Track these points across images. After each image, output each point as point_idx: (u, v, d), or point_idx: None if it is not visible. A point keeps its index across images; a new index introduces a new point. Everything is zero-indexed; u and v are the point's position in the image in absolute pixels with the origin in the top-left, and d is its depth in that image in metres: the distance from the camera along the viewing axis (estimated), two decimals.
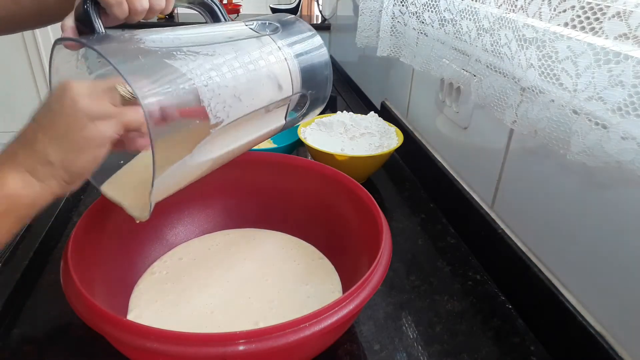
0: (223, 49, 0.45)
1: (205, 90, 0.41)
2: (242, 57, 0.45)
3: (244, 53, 0.46)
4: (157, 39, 0.42)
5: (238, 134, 0.48)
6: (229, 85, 0.43)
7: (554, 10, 0.43)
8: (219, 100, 0.42)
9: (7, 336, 0.49)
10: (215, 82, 0.41)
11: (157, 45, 0.41)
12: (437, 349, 0.49)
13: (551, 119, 0.45)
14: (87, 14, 0.40)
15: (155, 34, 0.42)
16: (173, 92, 0.38)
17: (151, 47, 0.40)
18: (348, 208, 0.57)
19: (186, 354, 0.34)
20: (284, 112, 0.53)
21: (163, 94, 0.38)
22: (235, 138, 0.48)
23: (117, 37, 0.40)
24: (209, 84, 0.41)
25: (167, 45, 0.41)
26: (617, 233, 0.43)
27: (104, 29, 0.41)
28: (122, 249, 0.54)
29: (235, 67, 0.44)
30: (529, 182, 0.55)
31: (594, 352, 0.44)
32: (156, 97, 0.37)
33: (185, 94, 0.39)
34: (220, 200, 0.65)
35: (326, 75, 0.54)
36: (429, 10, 0.71)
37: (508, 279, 0.58)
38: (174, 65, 0.39)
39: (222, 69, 0.43)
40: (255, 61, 0.46)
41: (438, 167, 0.77)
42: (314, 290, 0.54)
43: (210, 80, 0.41)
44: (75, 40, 0.40)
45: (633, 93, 0.35)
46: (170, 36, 0.43)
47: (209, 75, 0.41)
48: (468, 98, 0.67)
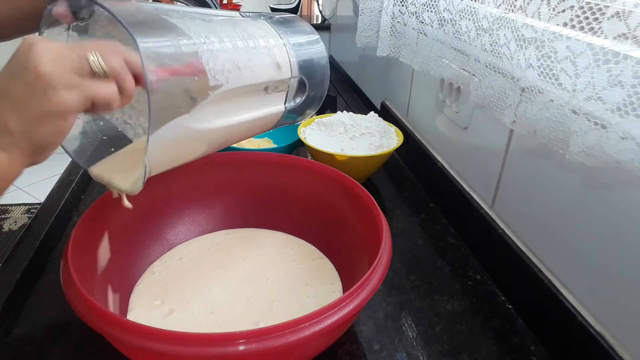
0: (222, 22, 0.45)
1: (204, 48, 0.40)
2: (241, 30, 0.45)
3: (243, 29, 0.46)
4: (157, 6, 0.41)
5: (238, 108, 0.47)
6: (228, 51, 0.43)
7: (553, 10, 0.44)
8: (218, 63, 0.41)
9: (7, 336, 0.49)
10: (213, 45, 0.41)
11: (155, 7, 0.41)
12: (437, 349, 0.50)
13: (550, 119, 0.45)
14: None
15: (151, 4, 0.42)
16: (171, 44, 0.38)
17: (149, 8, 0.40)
18: (348, 208, 0.57)
19: (186, 354, 0.34)
20: (283, 97, 0.53)
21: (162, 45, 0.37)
22: (235, 111, 0.47)
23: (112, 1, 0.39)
24: (207, 44, 0.40)
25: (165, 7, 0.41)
26: (617, 233, 0.43)
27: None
28: (122, 249, 0.54)
29: (234, 38, 0.44)
30: (529, 182, 0.55)
31: (594, 352, 0.44)
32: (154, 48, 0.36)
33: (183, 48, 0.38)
34: (220, 200, 0.65)
35: (324, 73, 0.55)
36: (429, 10, 0.71)
37: (508, 279, 0.58)
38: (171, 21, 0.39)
39: (220, 35, 0.43)
40: (255, 38, 0.46)
41: (438, 167, 0.77)
42: (314, 290, 0.54)
43: (207, 40, 0.40)
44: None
45: (632, 93, 0.35)
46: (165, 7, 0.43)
47: (207, 36, 0.41)
48: (468, 98, 0.67)
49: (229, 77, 0.43)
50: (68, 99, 0.33)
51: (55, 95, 0.32)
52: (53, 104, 0.32)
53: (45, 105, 0.32)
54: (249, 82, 0.46)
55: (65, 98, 0.32)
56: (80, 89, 0.33)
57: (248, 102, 0.48)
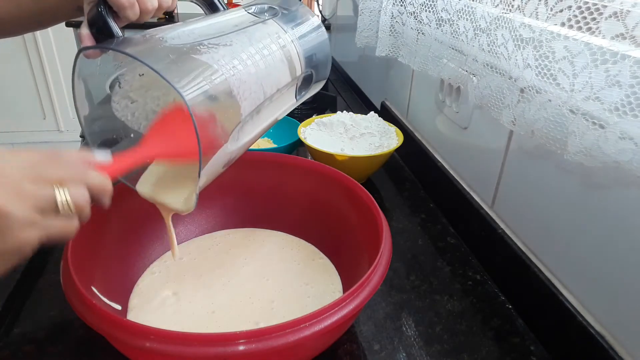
0: (238, 38, 0.46)
1: (233, 80, 0.42)
2: (257, 44, 0.47)
3: (257, 40, 0.47)
4: (176, 36, 0.43)
5: (261, 116, 0.49)
6: (252, 72, 0.44)
7: (550, 10, 0.44)
8: (246, 88, 0.43)
9: (7, 336, 0.49)
10: (240, 70, 0.43)
11: (178, 42, 0.42)
12: (437, 349, 0.50)
13: (548, 119, 0.45)
14: (103, 18, 0.40)
15: (171, 31, 0.43)
16: (207, 84, 0.40)
17: (175, 44, 0.41)
18: (348, 208, 0.57)
19: (186, 354, 0.34)
20: (294, 91, 0.55)
21: (199, 87, 0.39)
22: (259, 121, 0.50)
23: (138, 40, 0.41)
24: (236, 73, 0.42)
25: (188, 41, 0.42)
26: (617, 233, 0.43)
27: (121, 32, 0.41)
28: (122, 249, 0.54)
29: (253, 54, 0.45)
30: (529, 182, 0.55)
31: (594, 352, 0.44)
32: (193, 91, 0.38)
33: (217, 85, 0.41)
34: (220, 200, 0.65)
35: (327, 53, 0.57)
36: (427, 10, 0.71)
37: (508, 279, 0.58)
38: (201, 59, 0.40)
39: (243, 58, 0.44)
40: (269, 46, 0.48)
41: (438, 167, 0.78)
42: (314, 290, 0.54)
43: (235, 70, 0.42)
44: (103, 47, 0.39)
45: (630, 93, 0.35)
46: (185, 31, 0.44)
47: (233, 65, 0.42)
48: (468, 98, 0.67)
49: (255, 97, 0.45)
50: (26, 237, 0.31)
51: (13, 235, 0.31)
52: (10, 244, 0.31)
53: (6, 245, 0.31)
54: (270, 93, 0.48)
55: (23, 237, 0.31)
56: (41, 227, 0.32)
57: (269, 107, 0.50)
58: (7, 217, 0.30)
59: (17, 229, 0.30)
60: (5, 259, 0.32)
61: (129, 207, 0.52)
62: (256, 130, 0.50)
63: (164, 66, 0.38)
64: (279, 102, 0.52)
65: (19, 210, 0.30)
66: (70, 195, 0.33)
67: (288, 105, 0.55)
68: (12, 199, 0.30)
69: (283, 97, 0.52)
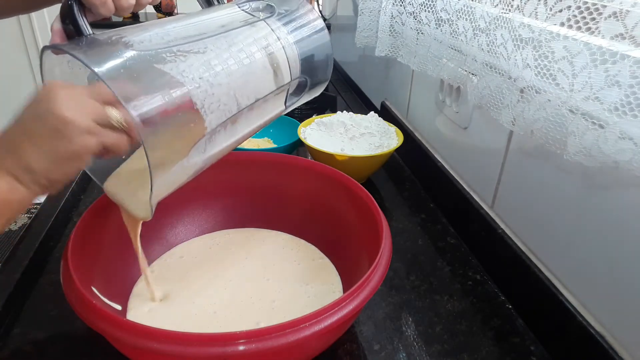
0: (215, 44, 0.43)
1: (197, 92, 0.40)
2: (236, 51, 0.44)
3: (238, 46, 0.44)
4: (147, 38, 0.40)
5: (236, 127, 0.47)
6: (223, 83, 0.42)
7: (550, 10, 0.44)
8: (213, 100, 0.41)
9: (7, 336, 0.49)
10: (207, 82, 0.41)
11: (146, 46, 0.40)
12: (437, 349, 0.50)
13: (548, 119, 0.45)
14: (73, 15, 0.39)
15: (144, 31, 0.41)
16: (164, 99, 0.38)
17: (140, 50, 0.39)
18: (348, 208, 0.57)
19: (186, 354, 0.34)
20: (283, 98, 0.52)
21: (153, 103, 0.37)
22: (232, 132, 0.47)
23: (103, 42, 0.39)
24: (202, 85, 0.40)
25: (156, 46, 0.40)
26: (617, 233, 0.43)
27: (90, 29, 0.40)
28: (123, 249, 0.54)
29: (229, 63, 0.43)
30: (529, 182, 0.55)
31: (594, 352, 0.44)
32: (146, 108, 0.37)
33: (176, 100, 0.39)
34: (220, 200, 0.65)
35: (327, 55, 0.53)
36: (426, 10, 0.71)
37: (508, 279, 0.58)
38: (163, 69, 0.39)
39: (215, 67, 0.42)
40: (251, 54, 0.45)
41: (438, 167, 0.78)
42: (315, 290, 0.54)
43: (202, 81, 0.40)
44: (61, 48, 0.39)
45: (630, 93, 0.35)
46: (160, 33, 0.42)
47: (200, 76, 0.40)
48: (468, 98, 0.67)
49: (225, 109, 0.43)
50: (88, 144, 0.36)
51: (78, 139, 0.35)
52: (76, 148, 0.35)
53: (68, 148, 0.35)
54: (246, 104, 0.45)
55: (85, 142, 0.35)
56: (99, 136, 0.36)
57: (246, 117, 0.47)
58: (72, 123, 0.34)
59: (79, 134, 0.35)
60: (71, 163, 0.36)
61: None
62: (233, 139, 0.48)
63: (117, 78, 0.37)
64: (263, 109, 0.49)
65: (82, 119, 0.35)
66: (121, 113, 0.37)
67: (276, 113, 0.52)
68: (76, 109, 0.35)
69: (268, 105, 0.49)
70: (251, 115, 0.48)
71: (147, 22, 0.43)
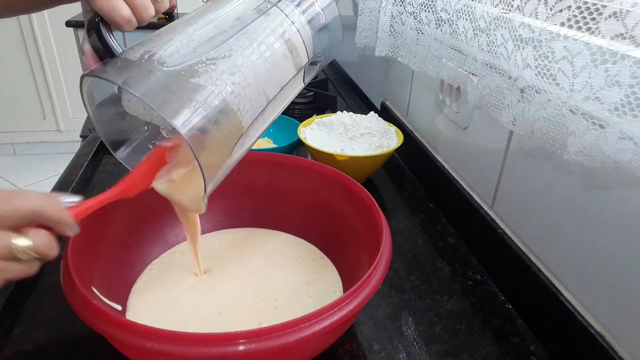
0: (237, 43, 0.45)
1: (232, 98, 0.41)
2: (257, 46, 0.45)
3: (258, 40, 0.46)
4: (175, 50, 0.41)
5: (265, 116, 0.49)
6: (252, 83, 0.44)
7: (550, 10, 0.44)
8: (246, 101, 0.43)
9: (7, 336, 0.49)
10: (239, 85, 0.42)
11: (177, 59, 0.41)
12: (437, 349, 0.50)
13: (548, 119, 0.45)
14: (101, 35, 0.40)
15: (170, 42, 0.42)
16: (205, 111, 0.39)
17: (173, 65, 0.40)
18: (348, 208, 0.57)
19: (186, 354, 0.34)
20: (301, 77, 0.53)
21: (197, 118, 0.39)
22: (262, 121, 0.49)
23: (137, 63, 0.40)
24: (234, 90, 0.42)
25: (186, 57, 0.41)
26: (617, 233, 0.43)
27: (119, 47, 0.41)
28: (123, 249, 0.54)
29: (253, 61, 0.44)
30: (529, 182, 0.55)
31: (594, 352, 0.44)
32: (192, 124, 0.38)
33: (216, 109, 0.40)
34: (220, 200, 0.65)
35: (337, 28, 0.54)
36: (426, 10, 0.71)
37: (508, 279, 0.58)
38: (199, 82, 0.40)
39: (242, 68, 0.43)
40: (271, 45, 0.46)
41: (438, 167, 0.78)
42: (316, 290, 0.54)
43: (234, 86, 0.42)
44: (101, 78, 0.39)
45: (630, 93, 0.35)
46: (184, 40, 0.43)
47: (232, 81, 0.42)
48: (468, 98, 0.67)
49: (257, 105, 0.44)
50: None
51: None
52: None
53: None
54: (274, 95, 0.47)
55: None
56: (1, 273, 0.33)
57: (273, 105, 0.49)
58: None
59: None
60: None
61: (128, 208, 0.52)
62: (263, 127, 0.50)
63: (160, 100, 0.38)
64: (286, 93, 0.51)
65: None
66: (32, 241, 0.34)
67: (297, 92, 0.54)
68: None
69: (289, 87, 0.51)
70: (277, 102, 0.50)
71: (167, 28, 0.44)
